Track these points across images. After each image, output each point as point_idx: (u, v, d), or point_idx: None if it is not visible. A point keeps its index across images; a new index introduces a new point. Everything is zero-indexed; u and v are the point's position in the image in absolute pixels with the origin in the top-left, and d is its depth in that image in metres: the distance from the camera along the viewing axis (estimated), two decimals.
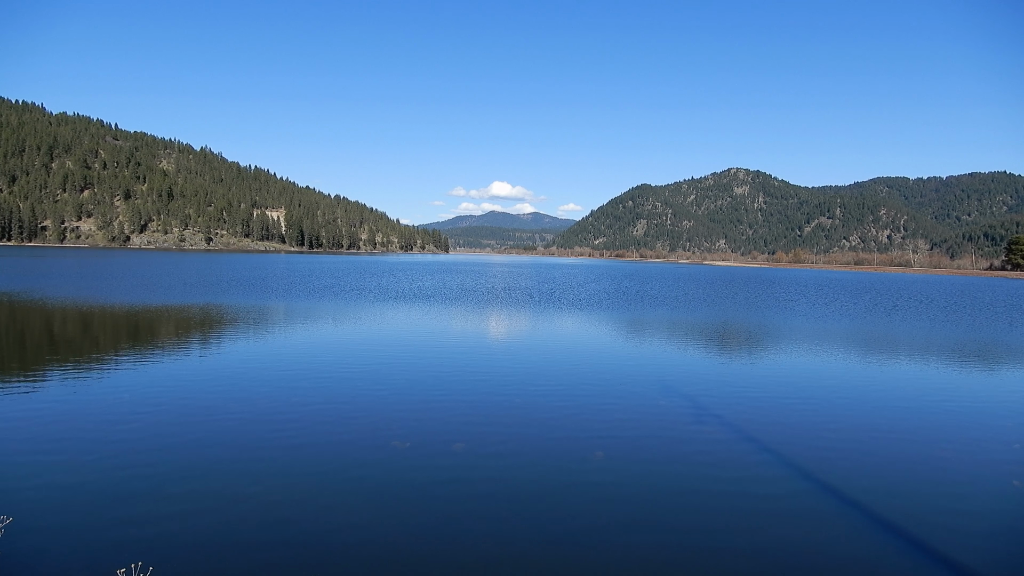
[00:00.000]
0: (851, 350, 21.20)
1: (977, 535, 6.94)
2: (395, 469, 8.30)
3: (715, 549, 6.41)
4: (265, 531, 6.49)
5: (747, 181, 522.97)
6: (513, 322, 26.79)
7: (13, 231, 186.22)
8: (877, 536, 6.79)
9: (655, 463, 8.91)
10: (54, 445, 8.89)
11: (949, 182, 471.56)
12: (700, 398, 12.93)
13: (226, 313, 26.32)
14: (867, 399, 13.39)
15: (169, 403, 11.28)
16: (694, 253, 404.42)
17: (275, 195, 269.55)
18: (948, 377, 16.67)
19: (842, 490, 8.02)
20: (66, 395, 11.68)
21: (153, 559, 5.62)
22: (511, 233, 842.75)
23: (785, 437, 10.34)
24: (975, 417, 12.11)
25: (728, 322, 29.29)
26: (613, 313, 31.56)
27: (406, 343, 19.69)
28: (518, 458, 8.92)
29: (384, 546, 6.27)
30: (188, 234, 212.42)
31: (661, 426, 10.78)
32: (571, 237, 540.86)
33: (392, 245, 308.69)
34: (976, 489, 8.26)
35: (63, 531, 6.35)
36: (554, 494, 7.66)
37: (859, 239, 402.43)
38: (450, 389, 13.10)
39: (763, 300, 43.87)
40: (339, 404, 11.59)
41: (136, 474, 7.87)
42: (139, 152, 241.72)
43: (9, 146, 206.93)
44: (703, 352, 20.38)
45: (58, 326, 21.56)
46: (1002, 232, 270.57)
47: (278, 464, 8.38)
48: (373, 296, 37.08)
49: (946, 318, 33.49)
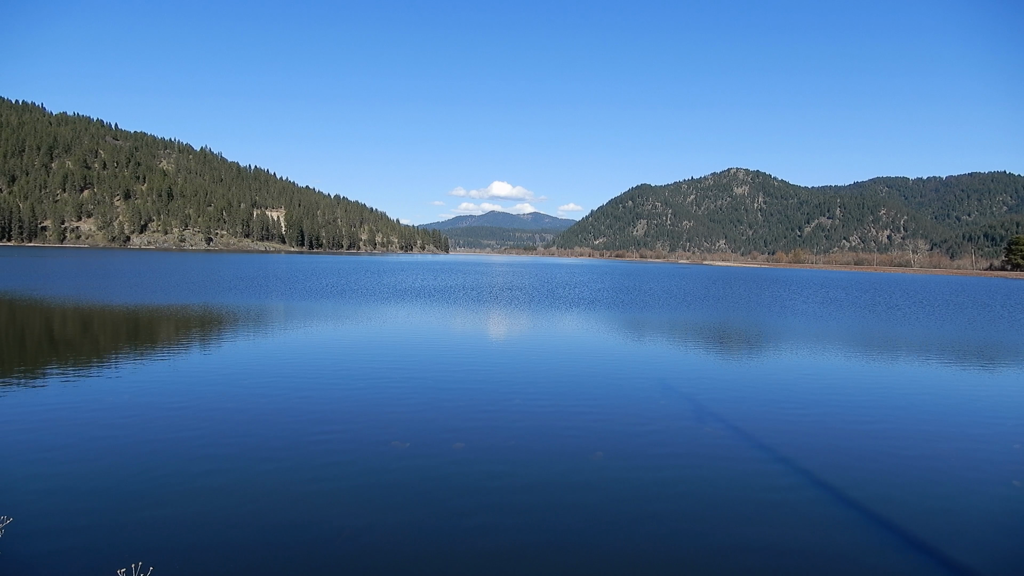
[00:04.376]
0: (850, 350, 21.19)
1: (977, 535, 6.94)
2: (395, 469, 8.30)
3: (715, 548, 6.41)
4: (265, 531, 6.49)
5: (747, 181, 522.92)
6: (513, 322, 26.78)
7: (13, 231, 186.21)
8: (876, 536, 6.79)
9: (655, 463, 8.91)
10: (54, 445, 8.88)
11: (949, 182, 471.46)
12: (700, 398, 12.93)
13: (226, 313, 26.33)
14: (867, 399, 13.39)
15: (169, 403, 11.28)
16: (694, 253, 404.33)
17: (275, 195, 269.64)
18: (948, 377, 16.67)
19: (842, 490, 8.02)
20: (66, 395, 11.67)
21: (153, 559, 5.62)
22: (511, 233, 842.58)
23: (785, 437, 10.35)
24: (975, 417, 12.11)
25: (728, 322, 29.29)
26: (613, 313, 31.56)
27: (406, 343, 19.69)
28: (518, 458, 8.92)
29: (384, 546, 6.27)
30: (188, 234, 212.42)
31: (661, 426, 10.77)
32: (571, 237, 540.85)
33: (392, 245, 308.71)
34: (976, 489, 8.26)
35: (63, 531, 6.34)
36: (554, 494, 7.66)
37: (859, 239, 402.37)
38: (450, 389, 13.10)
39: (763, 300, 43.86)
40: (339, 404, 11.59)
41: (136, 474, 7.87)
42: (139, 152, 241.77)
43: (9, 146, 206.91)
44: (703, 352, 20.38)
45: (58, 326, 21.56)
46: (1002, 232, 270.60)
47: (278, 464, 8.38)
48: (373, 296, 37.07)
49: (946, 318, 33.49)
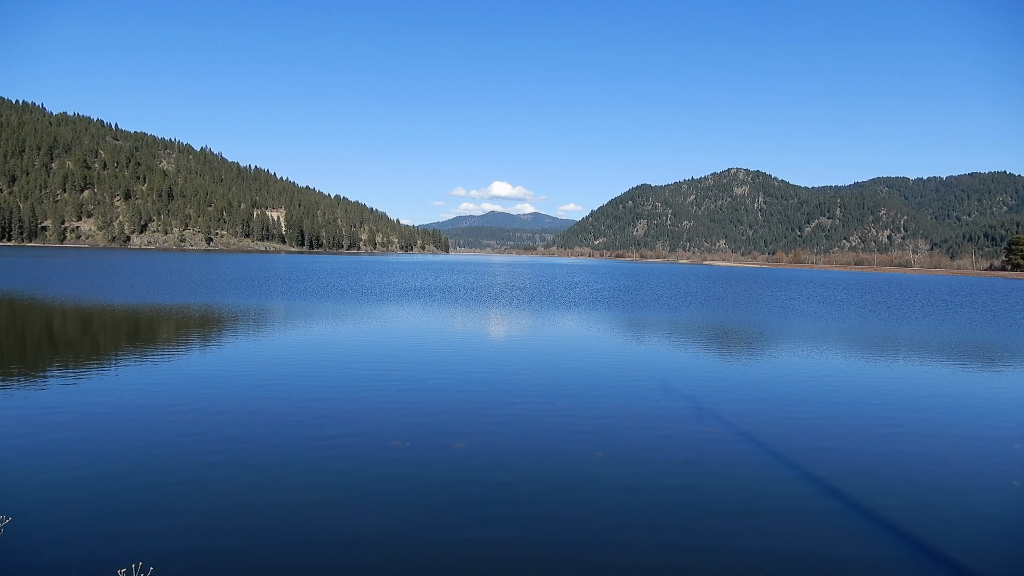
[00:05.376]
0: (850, 350, 21.19)
1: (977, 535, 6.94)
2: (395, 469, 8.30)
3: (715, 548, 6.41)
4: (265, 531, 6.49)
5: (747, 181, 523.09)
6: (513, 321, 26.78)
7: (13, 231, 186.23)
8: (876, 536, 6.79)
9: (655, 463, 8.91)
10: (54, 445, 8.88)
11: (949, 182, 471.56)
12: (700, 398, 12.93)
13: (226, 313, 26.33)
14: (866, 399, 13.39)
15: (169, 403, 11.28)
16: (694, 253, 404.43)
17: (275, 195, 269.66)
18: (948, 377, 16.67)
19: (842, 490, 8.02)
20: (66, 395, 11.67)
21: (153, 559, 5.62)
22: (511, 233, 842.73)
23: (785, 437, 10.34)
24: (975, 417, 12.11)
25: (728, 322, 29.29)
26: (613, 313, 31.56)
27: (406, 343, 19.69)
28: (518, 458, 8.92)
29: (384, 546, 6.26)
30: (188, 234, 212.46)
31: (661, 426, 10.78)
32: (571, 237, 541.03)
33: (392, 245, 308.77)
34: (976, 489, 8.26)
35: (63, 531, 6.34)
36: (554, 494, 7.66)
37: (859, 239, 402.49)
38: (450, 389, 13.10)
39: (763, 300, 43.85)
40: (339, 404, 11.59)
41: (136, 474, 7.87)
42: (139, 152, 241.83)
43: (9, 146, 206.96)
44: (703, 352, 20.38)
45: (58, 326, 21.57)
46: (1002, 232, 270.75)
47: (278, 464, 8.38)
48: (374, 296, 37.08)
49: (946, 318, 33.49)
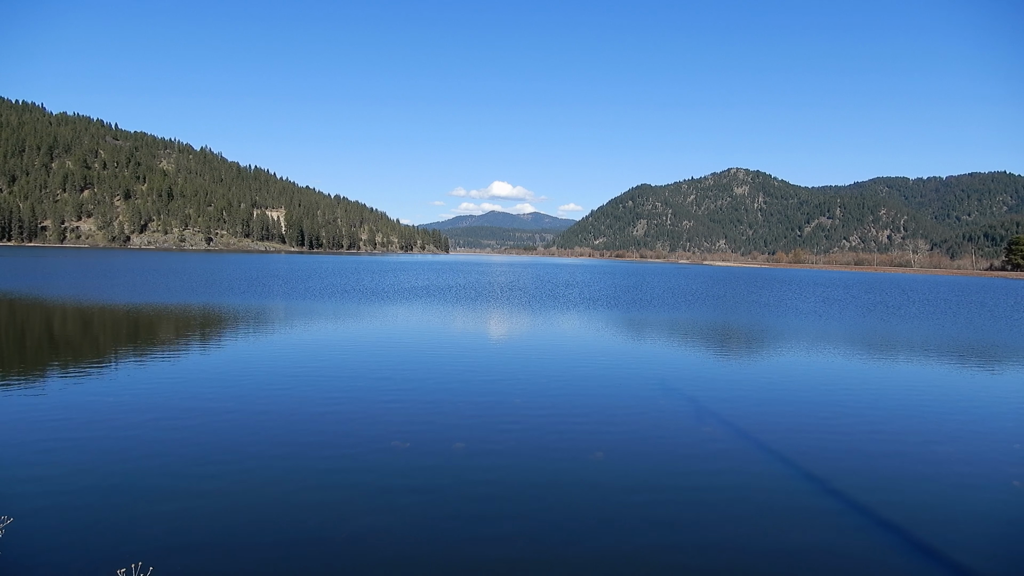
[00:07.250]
0: (850, 350, 21.19)
1: (977, 535, 6.94)
2: (395, 469, 8.31)
3: (715, 548, 6.41)
4: (265, 531, 6.49)
5: (747, 181, 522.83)
6: (513, 321, 26.78)
7: (13, 231, 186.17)
8: (877, 535, 6.79)
9: (655, 463, 8.91)
10: (54, 445, 8.89)
11: (949, 182, 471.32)
12: (700, 398, 12.93)
13: (226, 313, 26.33)
14: (866, 399, 13.39)
15: (168, 403, 11.28)
16: (694, 253, 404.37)
17: (275, 195, 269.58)
18: (948, 377, 16.68)
19: (842, 489, 8.02)
20: (66, 395, 11.68)
21: (153, 559, 5.62)
22: (511, 233, 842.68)
23: (785, 436, 10.35)
24: (975, 417, 12.11)
25: (728, 322, 29.29)
26: (613, 312, 31.56)
27: (406, 343, 19.69)
28: (518, 458, 8.92)
29: (384, 546, 6.26)
30: (188, 234, 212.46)
31: (661, 426, 10.78)
32: (571, 237, 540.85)
33: (392, 245, 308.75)
34: (976, 489, 8.26)
35: (63, 531, 6.35)
36: (554, 494, 7.66)
37: (859, 239, 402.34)
38: (450, 389, 13.10)
39: (763, 299, 43.85)
40: (339, 404, 11.59)
41: (136, 474, 7.87)
42: (139, 152, 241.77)
43: (9, 146, 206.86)
44: (703, 352, 20.38)
45: (58, 325, 21.57)
46: (1002, 232, 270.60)
47: (278, 464, 8.38)
48: (374, 296, 37.08)
49: (946, 318, 33.49)
